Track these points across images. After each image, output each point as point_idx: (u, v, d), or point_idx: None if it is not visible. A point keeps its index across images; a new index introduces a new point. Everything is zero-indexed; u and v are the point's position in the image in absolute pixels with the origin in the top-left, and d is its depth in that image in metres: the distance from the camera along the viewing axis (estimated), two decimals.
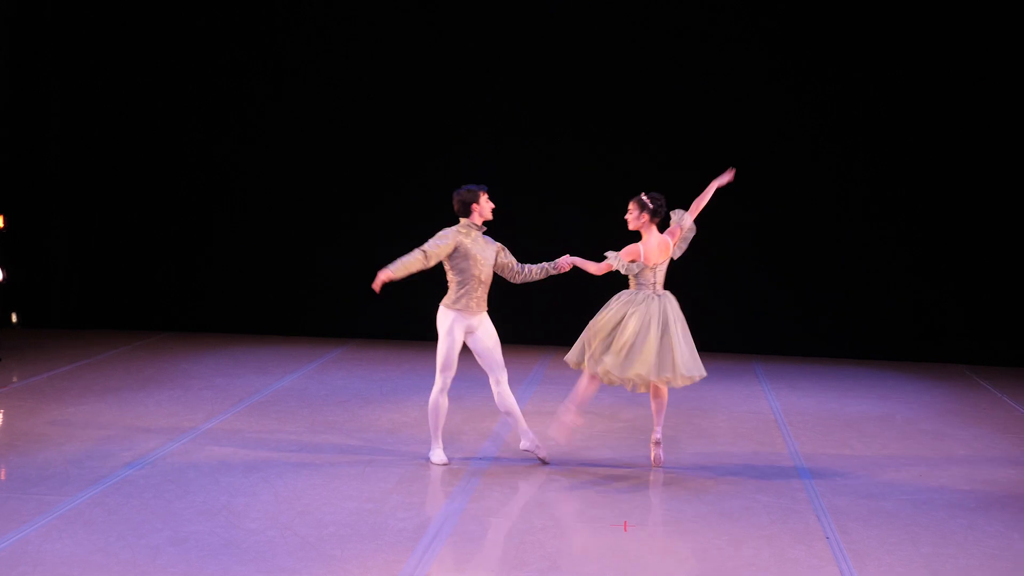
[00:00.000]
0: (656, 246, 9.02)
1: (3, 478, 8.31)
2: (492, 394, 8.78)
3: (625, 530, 7.53)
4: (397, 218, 14.66)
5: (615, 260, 9.03)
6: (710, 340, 14.29)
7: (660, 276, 9.05)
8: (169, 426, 9.82)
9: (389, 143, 14.61)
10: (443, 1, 14.49)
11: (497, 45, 14.41)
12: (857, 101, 14.02)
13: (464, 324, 8.90)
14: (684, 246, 9.19)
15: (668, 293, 9.08)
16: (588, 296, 14.36)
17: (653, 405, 9.05)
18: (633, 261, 9.00)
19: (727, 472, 8.96)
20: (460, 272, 8.87)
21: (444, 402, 8.92)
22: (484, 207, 8.96)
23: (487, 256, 8.93)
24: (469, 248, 8.87)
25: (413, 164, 14.61)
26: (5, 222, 13.97)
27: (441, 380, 8.87)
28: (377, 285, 8.78)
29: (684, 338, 8.93)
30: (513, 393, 9.11)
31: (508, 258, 9.05)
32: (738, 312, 14.36)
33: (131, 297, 14.96)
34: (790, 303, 14.24)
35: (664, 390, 9.02)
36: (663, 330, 8.86)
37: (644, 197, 9.08)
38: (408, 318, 14.55)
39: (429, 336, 14.40)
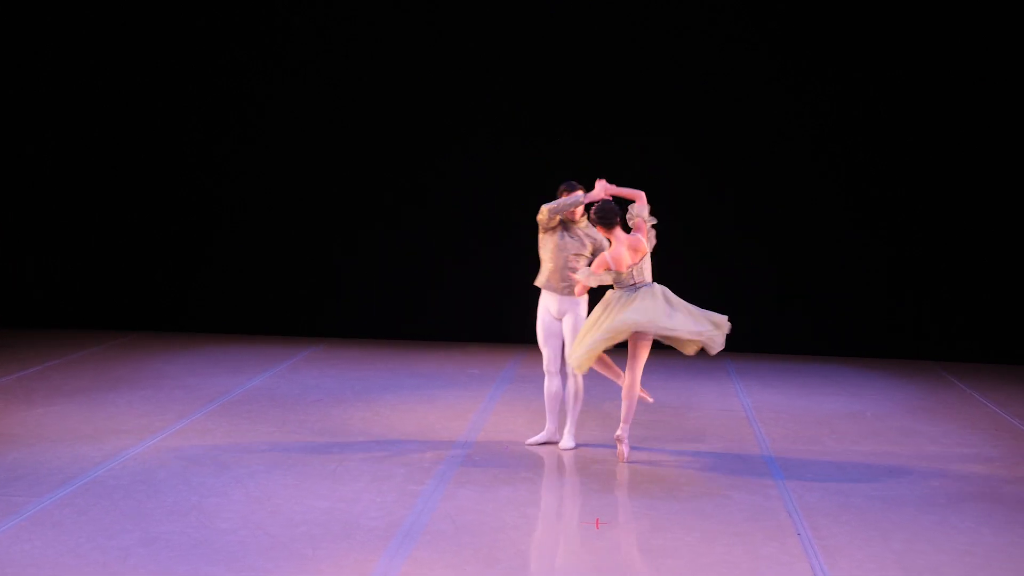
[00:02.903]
0: (625, 250, 9.02)
1: None
2: (463, 392, 8.83)
3: (597, 527, 7.53)
4: (374, 219, 14.66)
5: (587, 276, 9.06)
6: None
7: (644, 274, 9.11)
8: (140, 426, 9.78)
9: (384, 143, 14.57)
10: (443, 1, 14.46)
11: (497, 45, 14.39)
12: (838, 98, 14.06)
13: (545, 304, 9.47)
14: (653, 237, 9.20)
15: (656, 285, 9.12)
16: None
17: (623, 404, 9.07)
18: (608, 271, 9.02)
19: (699, 469, 8.98)
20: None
21: (549, 385, 9.45)
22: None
23: (565, 246, 9.36)
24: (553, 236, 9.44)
25: (406, 164, 14.58)
26: None
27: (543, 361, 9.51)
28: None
29: (686, 308, 9.11)
30: (488, 390, 9.10)
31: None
32: (710, 309, 14.35)
33: (103, 296, 14.89)
34: (762, 300, 14.28)
35: (636, 389, 9.03)
36: (662, 301, 9.04)
37: (591, 213, 9.19)
38: (382, 317, 14.55)
39: (404, 335, 14.53)
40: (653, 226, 9.26)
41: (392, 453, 9.14)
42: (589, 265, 9.28)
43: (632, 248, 9.05)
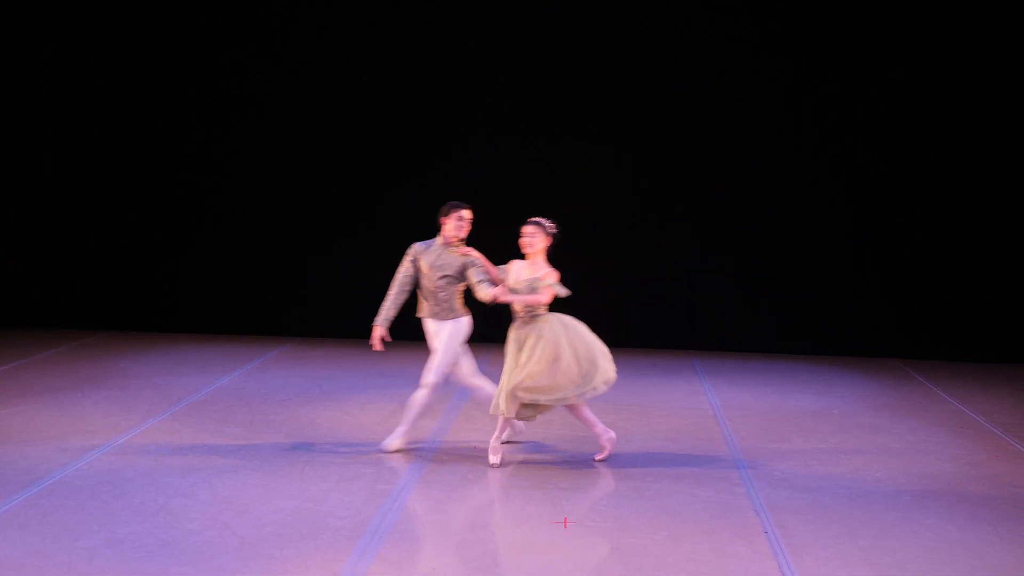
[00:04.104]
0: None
1: None
2: (441, 392, 8.81)
3: (565, 527, 7.54)
4: (343, 220, 14.63)
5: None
6: (649, 336, 14.45)
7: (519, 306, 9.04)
8: (107, 426, 9.73)
9: (382, 143, 14.54)
10: (443, 1, 14.43)
11: (497, 45, 14.39)
12: (855, 101, 14.11)
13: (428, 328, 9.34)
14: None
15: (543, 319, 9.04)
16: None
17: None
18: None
19: (667, 468, 9.00)
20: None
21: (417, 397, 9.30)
22: (446, 226, 9.23)
23: (435, 268, 9.19)
24: (421, 263, 9.26)
25: (405, 164, 14.55)
26: None
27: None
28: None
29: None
30: (456, 389, 9.10)
31: (472, 276, 9.19)
32: (677, 307, 14.44)
33: (70, 296, 14.81)
34: (728, 298, 14.35)
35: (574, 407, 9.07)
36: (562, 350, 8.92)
37: (546, 223, 9.17)
38: (349, 316, 14.51)
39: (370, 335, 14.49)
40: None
41: (360, 453, 9.13)
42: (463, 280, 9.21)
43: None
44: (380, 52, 14.48)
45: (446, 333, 9.24)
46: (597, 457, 9.16)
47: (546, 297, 8.96)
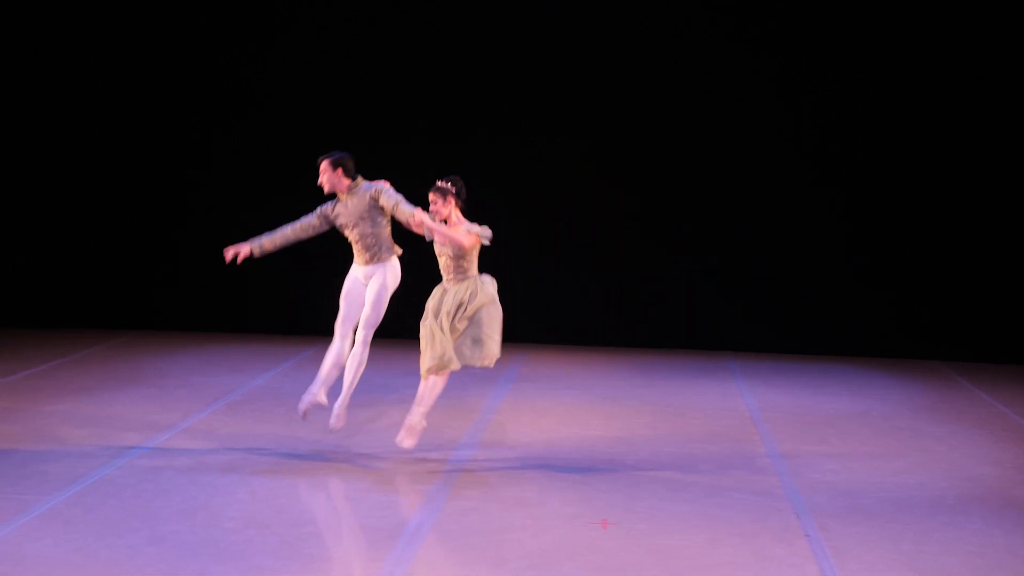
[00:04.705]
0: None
1: None
2: (466, 392, 8.78)
3: (604, 528, 7.52)
4: None
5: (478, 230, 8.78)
6: (685, 336, 14.40)
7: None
8: (145, 425, 9.77)
9: (387, 141, 14.54)
10: (443, 1, 14.44)
11: (497, 45, 14.39)
12: (855, 101, 14.04)
13: (352, 274, 9.20)
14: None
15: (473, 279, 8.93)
16: (565, 293, 14.46)
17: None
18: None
19: (704, 470, 8.96)
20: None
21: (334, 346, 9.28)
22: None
23: (349, 211, 9.01)
24: (331, 215, 9.11)
25: (411, 162, 14.55)
26: None
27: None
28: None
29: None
30: (491, 390, 9.09)
31: (387, 200, 8.95)
32: (713, 308, 14.39)
33: (106, 295, 14.87)
34: (765, 299, 14.27)
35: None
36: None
37: (443, 183, 8.86)
38: (385, 316, 14.50)
39: (408, 335, 14.45)
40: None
41: (397, 453, 9.12)
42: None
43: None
44: (380, 52, 14.48)
45: (374, 282, 9.07)
46: (398, 439, 8.92)
47: (468, 240, 8.76)
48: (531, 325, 14.50)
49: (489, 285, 8.96)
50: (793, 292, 14.26)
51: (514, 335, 14.29)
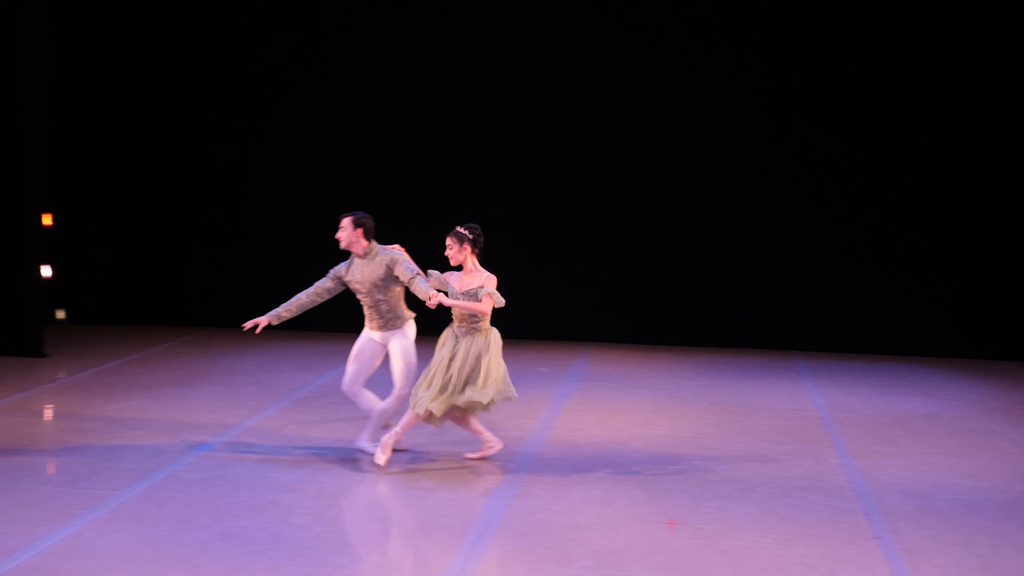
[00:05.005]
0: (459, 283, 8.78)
1: (53, 473, 8.35)
2: (532, 390, 8.68)
3: (672, 528, 7.49)
4: (442, 216, 14.65)
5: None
6: (752, 336, 14.30)
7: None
8: (214, 422, 9.86)
9: (405, 144, 14.61)
10: (449, 8, 14.46)
11: (501, 52, 14.41)
12: (884, 99, 13.90)
13: (367, 335, 9.17)
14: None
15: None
16: (632, 292, 14.40)
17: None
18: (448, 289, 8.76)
19: (774, 470, 8.90)
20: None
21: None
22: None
23: (364, 277, 8.98)
24: (345, 276, 9.10)
25: (429, 164, 14.61)
26: (53, 220, 14.05)
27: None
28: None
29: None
30: (557, 388, 9.06)
31: (403, 273, 8.94)
32: (780, 308, 14.27)
33: (175, 293, 15.01)
34: (833, 298, 14.13)
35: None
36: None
37: (461, 229, 8.78)
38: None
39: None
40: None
41: (465, 450, 9.13)
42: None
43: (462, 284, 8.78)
44: (392, 61, 14.54)
45: (397, 343, 9.04)
46: (470, 455, 8.92)
47: (487, 306, 8.70)
48: (597, 324, 14.48)
49: (496, 341, 8.84)
50: (862, 291, 14.10)
51: (579, 334, 14.40)
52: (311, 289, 9.17)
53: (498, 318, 8.95)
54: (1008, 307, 13.87)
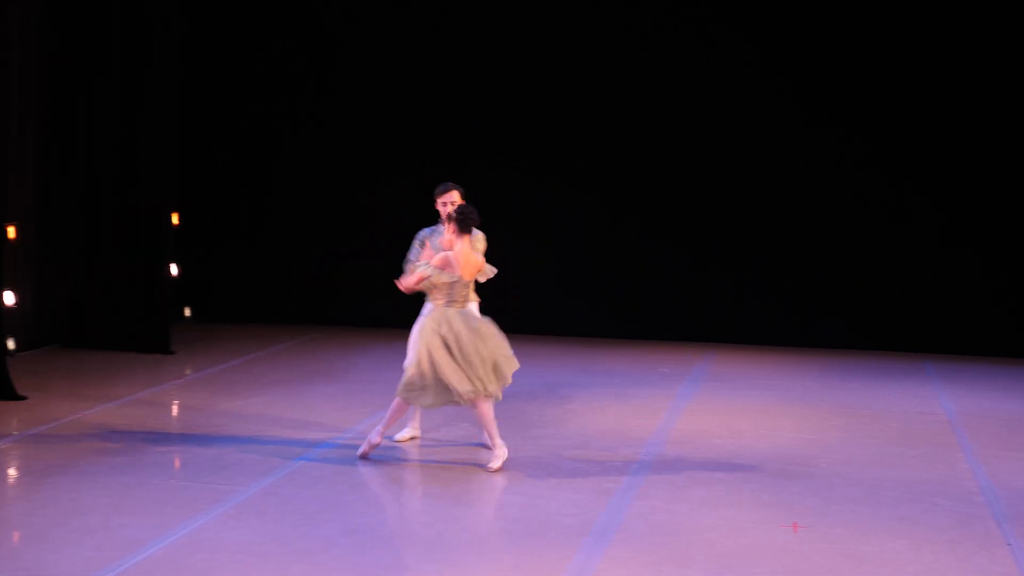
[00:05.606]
0: (467, 261, 8.61)
1: (179, 468, 8.49)
2: (654, 390, 8.59)
3: (795, 532, 7.37)
4: (575, 215, 14.63)
5: (426, 268, 8.59)
6: (877, 337, 14.03)
7: (468, 294, 8.72)
8: (338, 419, 9.95)
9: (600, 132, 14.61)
10: (449, 8, 14.49)
11: (501, 52, 14.46)
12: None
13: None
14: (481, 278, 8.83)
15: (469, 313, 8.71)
16: (758, 292, 14.23)
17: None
18: (443, 270, 8.58)
19: (902, 474, 8.71)
20: None
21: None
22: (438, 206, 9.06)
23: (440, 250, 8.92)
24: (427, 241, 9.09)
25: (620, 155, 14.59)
26: (179, 219, 14.32)
27: None
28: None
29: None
30: (679, 389, 8.99)
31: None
32: (907, 309, 13.98)
33: (298, 292, 15.20)
34: (964, 298, 13.80)
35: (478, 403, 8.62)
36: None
37: (454, 212, 8.67)
38: (570, 315, 14.51)
39: (593, 332, 14.45)
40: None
41: (585, 450, 9.11)
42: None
43: (471, 266, 8.64)
44: (392, 61, 14.62)
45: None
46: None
47: (435, 260, 8.60)
48: (718, 325, 14.33)
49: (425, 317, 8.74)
50: (995, 290, 13.76)
51: (700, 335, 14.25)
52: (411, 260, 9.08)
53: (623, 318, 8.94)
54: None
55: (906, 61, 13.80)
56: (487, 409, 8.57)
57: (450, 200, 8.99)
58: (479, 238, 8.98)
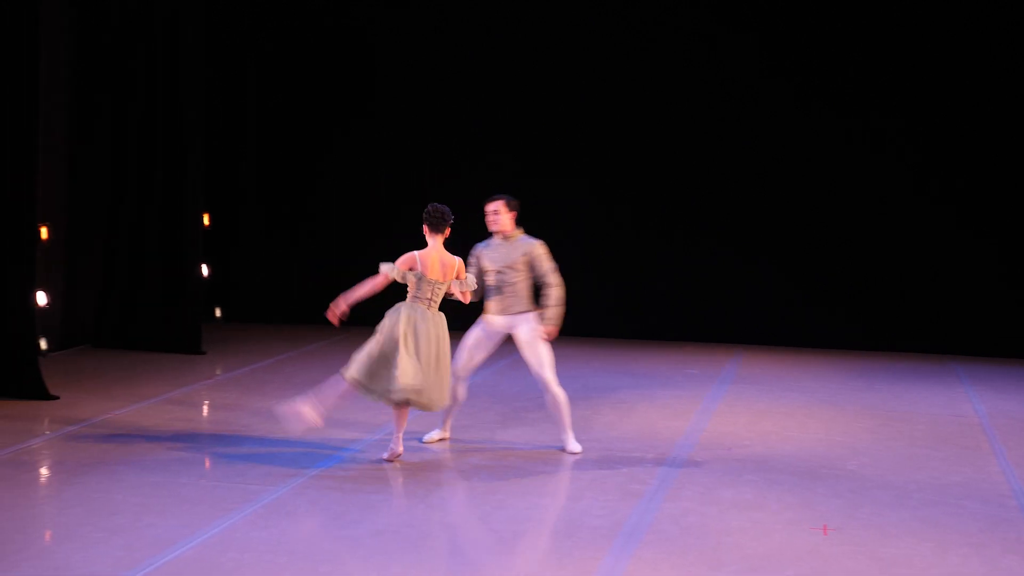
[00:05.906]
0: (438, 262, 8.63)
1: (209, 468, 8.54)
2: (682, 392, 8.56)
3: (825, 533, 7.35)
4: (596, 218, 14.62)
5: (392, 271, 8.66)
6: (906, 339, 13.97)
7: (438, 295, 8.68)
8: (367, 420, 9.98)
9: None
10: (449, 8, 14.57)
11: (501, 52, 14.53)
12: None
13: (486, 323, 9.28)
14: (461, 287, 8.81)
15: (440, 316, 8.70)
16: (787, 293, 14.20)
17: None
18: (411, 270, 8.63)
19: (930, 476, 8.68)
20: None
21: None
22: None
23: (499, 257, 9.13)
24: (483, 262, 9.17)
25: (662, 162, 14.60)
26: (210, 220, 14.40)
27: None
28: None
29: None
30: (708, 390, 8.98)
31: (540, 266, 9.10)
32: (936, 310, 13.92)
33: (330, 292, 15.21)
34: (991, 301, 13.74)
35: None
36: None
37: (429, 207, 8.72)
38: (600, 316, 14.51)
39: (621, 333, 14.44)
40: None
41: (614, 452, 9.11)
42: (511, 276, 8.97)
43: (444, 267, 8.65)
44: (392, 61, 14.70)
45: (523, 327, 9.03)
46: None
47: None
48: (747, 326, 14.30)
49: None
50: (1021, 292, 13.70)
51: (729, 336, 14.23)
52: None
53: (651, 319, 8.94)
54: None
55: (907, 61, 13.76)
56: (406, 413, 8.66)
57: (492, 210, 9.09)
58: (536, 244, 9.04)
